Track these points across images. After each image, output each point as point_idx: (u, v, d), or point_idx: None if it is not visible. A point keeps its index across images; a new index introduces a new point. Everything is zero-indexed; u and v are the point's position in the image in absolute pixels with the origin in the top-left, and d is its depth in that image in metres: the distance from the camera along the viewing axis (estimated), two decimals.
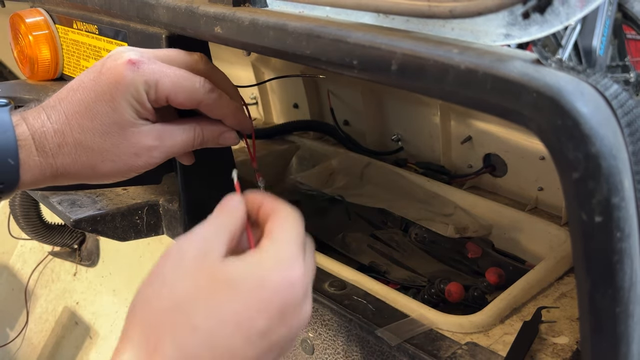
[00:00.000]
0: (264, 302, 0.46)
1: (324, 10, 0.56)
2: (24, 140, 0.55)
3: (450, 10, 0.44)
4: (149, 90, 0.56)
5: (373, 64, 0.47)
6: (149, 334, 0.45)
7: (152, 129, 0.58)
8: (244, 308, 0.46)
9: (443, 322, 0.64)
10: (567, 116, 0.37)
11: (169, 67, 0.57)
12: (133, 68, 0.55)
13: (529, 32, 0.46)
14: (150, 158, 0.59)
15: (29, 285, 1.49)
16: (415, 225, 0.87)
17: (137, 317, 0.46)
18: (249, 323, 0.46)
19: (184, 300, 0.45)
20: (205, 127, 0.62)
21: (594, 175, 0.37)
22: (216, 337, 0.45)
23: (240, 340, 0.45)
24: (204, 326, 0.44)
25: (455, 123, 0.93)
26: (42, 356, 1.43)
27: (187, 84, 0.57)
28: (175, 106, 0.59)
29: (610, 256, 0.39)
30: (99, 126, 0.56)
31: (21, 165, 0.55)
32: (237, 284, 0.46)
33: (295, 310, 0.48)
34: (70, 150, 0.56)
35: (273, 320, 0.47)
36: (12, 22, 0.86)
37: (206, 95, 0.59)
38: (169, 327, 0.44)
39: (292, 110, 1.19)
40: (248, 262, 0.47)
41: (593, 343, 0.42)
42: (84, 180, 0.59)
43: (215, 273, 0.46)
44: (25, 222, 1.30)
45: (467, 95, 0.42)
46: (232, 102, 0.61)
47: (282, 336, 0.48)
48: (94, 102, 0.56)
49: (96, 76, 0.57)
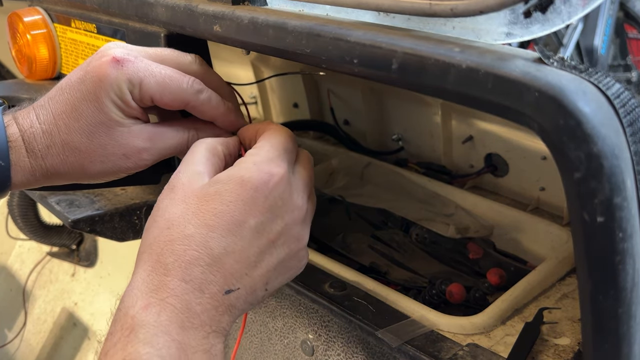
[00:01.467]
0: (248, 200, 0.50)
1: (324, 9, 0.56)
2: (14, 142, 0.55)
3: (451, 8, 0.43)
4: (132, 90, 0.55)
5: (373, 63, 0.47)
6: (150, 251, 0.50)
7: (142, 130, 0.57)
8: (229, 209, 0.50)
9: (444, 323, 0.64)
10: (569, 116, 0.37)
11: (157, 66, 0.56)
12: (117, 66, 0.54)
13: (530, 30, 0.46)
14: (140, 160, 0.58)
15: (27, 285, 1.48)
16: (416, 226, 0.86)
17: (141, 245, 0.51)
18: (238, 222, 0.50)
19: (177, 218, 0.50)
20: (201, 129, 0.61)
21: (596, 175, 0.37)
22: (210, 241, 0.49)
23: (236, 240, 0.50)
24: (196, 233, 0.49)
25: (457, 122, 0.93)
26: (40, 357, 1.42)
27: (173, 84, 0.56)
28: (162, 106, 0.58)
29: (613, 257, 0.39)
30: (85, 126, 0.55)
31: (12, 167, 0.55)
32: (220, 190, 0.51)
33: (285, 204, 0.52)
34: (58, 151, 0.56)
35: (264, 216, 0.51)
36: (10, 21, 0.86)
37: (194, 96, 0.57)
38: (166, 241, 0.49)
39: (292, 110, 1.19)
40: (230, 170, 0.52)
41: (595, 344, 0.42)
42: (75, 180, 0.59)
43: (202, 191, 0.51)
44: (24, 222, 1.30)
45: (468, 95, 0.42)
46: (222, 104, 0.60)
47: (279, 231, 0.52)
48: (80, 102, 0.55)
49: (82, 75, 0.56)
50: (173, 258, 0.49)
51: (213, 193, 0.51)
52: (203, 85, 0.58)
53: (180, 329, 0.47)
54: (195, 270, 0.48)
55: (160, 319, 0.46)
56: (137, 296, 0.48)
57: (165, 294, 0.47)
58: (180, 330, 0.47)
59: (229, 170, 0.52)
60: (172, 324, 0.47)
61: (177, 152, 0.60)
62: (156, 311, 0.47)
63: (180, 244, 0.49)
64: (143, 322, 0.46)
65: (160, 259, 0.49)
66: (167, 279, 0.48)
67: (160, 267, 0.49)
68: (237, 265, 0.50)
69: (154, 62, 0.57)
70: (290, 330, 0.74)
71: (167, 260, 0.49)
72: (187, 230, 0.49)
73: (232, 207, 0.50)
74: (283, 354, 0.77)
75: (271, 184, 0.51)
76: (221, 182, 0.51)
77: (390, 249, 0.82)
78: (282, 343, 0.76)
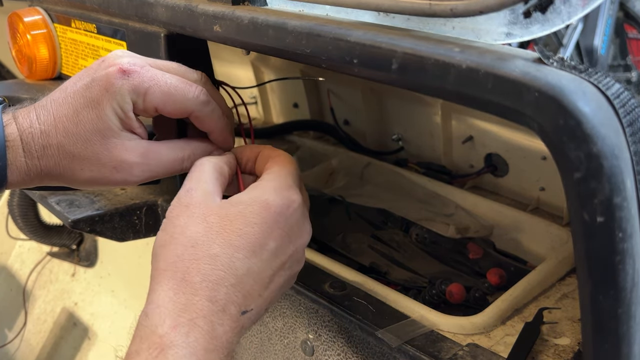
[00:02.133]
0: (271, 223, 0.52)
1: (324, 9, 0.56)
2: (12, 141, 0.55)
3: (451, 8, 0.43)
4: (136, 100, 0.55)
5: (373, 63, 0.47)
6: (174, 269, 0.50)
7: (137, 145, 0.57)
8: (254, 231, 0.51)
9: (444, 323, 0.64)
10: (568, 116, 0.37)
11: (162, 75, 0.56)
12: (123, 76, 0.55)
13: (530, 31, 0.46)
14: (130, 175, 0.57)
15: (27, 285, 1.48)
16: (416, 226, 0.86)
17: (160, 262, 0.51)
18: (261, 244, 0.52)
19: (200, 237, 0.51)
20: (197, 148, 0.61)
21: (595, 175, 0.37)
22: (234, 261, 0.50)
23: (257, 261, 0.51)
24: (222, 254, 0.50)
25: (457, 122, 0.93)
26: (40, 357, 1.42)
27: (178, 94, 0.56)
28: (166, 115, 0.58)
29: (612, 257, 0.39)
30: (82, 132, 0.55)
31: (8, 166, 0.55)
32: (245, 212, 0.52)
33: (299, 230, 0.55)
34: (53, 153, 0.56)
35: (282, 240, 0.53)
36: (10, 21, 0.86)
37: (198, 107, 0.58)
38: (192, 260, 0.50)
39: (292, 110, 1.19)
40: (251, 193, 0.54)
41: (595, 344, 0.42)
42: (66, 184, 0.59)
43: (223, 210, 0.52)
44: (24, 222, 1.30)
45: (468, 95, 0.42)
46: (222, 119, 0.60)
47: (290, 254, 0.54)
48: (82, 108, 0.55)
49: (89, 82, 0.56)
50: (200, 277, 0.49)
51: (236, 213, 0.52)
52: (210, 97, 0.59)
53: (205, 351, 0.47)
54: (220, 290, 0.49)
55: (188, 340, 0.47)
56: (164, 314, 0.48)
57: (194, 314, 0.48)
58: (204, 353, 0.47)
59: (251, 193, 0.54)
60: (199, 345, 0.47)
61: (171, 172, 0.60)
62: (185, 332, 0.47)
63: (206, 264, 0.49)
64: (172, 343, 0.46)
65: (187, 277, 0.49)
66: (195, 298, 0.48)
67: (187, 286, 0.49)
68: (255, 286, 0.51)
69: (160, 71, 0.57)
70: (290, 330, 0.74)
71: (194, 279, 0.49)
72: (213, 250, 0.50)
73: (257, 229, 0.51)
74: (283, 354, 0.77)
75: (291, 210, 0.54)
76: (244, 204, 0.52)
77: (390, 249, 0.82)
78: (282, 343, 0.76)
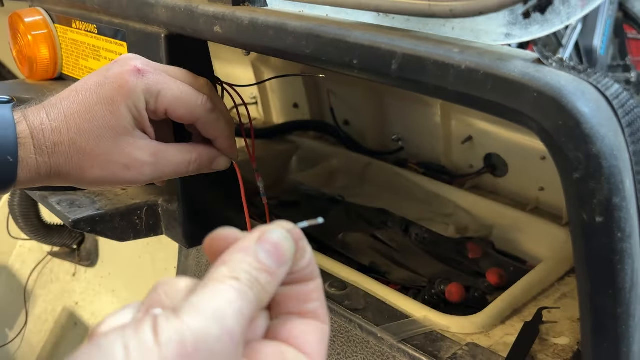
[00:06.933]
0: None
1: (323, 10, 0.56)
2: (23, 139, 0.55)
3: (450, 9, 0.44)
4: (149, 100, 0.57)
5: (373, 64, 0.47)
6: None
7: (148, 144, 0.58)
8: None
9: (444, 322, 0.64)
10: (568, 116, 0.37)
11: (174, 81, 0.58)
12: (138, 75, 0.56)
13: (529, 31, 0.46)
14: (140, 174, 0.58)
15: (28, 285, 1.48)
16: (415, 226, 0.86)
17: None
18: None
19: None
20: (203, 152, 0.62)
21: (594, 175, 0.37)
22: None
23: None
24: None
25: (456, 123, 0.93)
26: (41, 357, 1.42)
27: (189, 99, 0.58)
28: (173, 119, 0.59)
29: (611, 256, 0.39)
30: (95, 129, 0.56)
31: (19, 163, 0.55)
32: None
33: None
34: (64, 150, 0.56)
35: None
36: (11, 21, 0.86)
37: (205, 114, 0.59)
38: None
39: (292, 110, 1.19)
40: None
41: (594, 344, 0.42)
42: (74, 183, 0.59)
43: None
44: (25, 222, 1.30)
45: (467, 95, 0.42)
46: (228, 126, 0.62)
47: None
48: (95, 105, 0.56)
49: (101, 80, 0.57)
50: None
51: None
52: (215, 105, 0.60)
53: None
54: None
55: None
56: None
57: None
58: None
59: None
60: None
61: (176, 173, 0.61)
62: None
63: None
64: None
65: None
66: None
67: None
68: None
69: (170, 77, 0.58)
70: None
71: None
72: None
73: None
74: None
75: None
76: None
77: (390, 249, 0.83)
78: None
